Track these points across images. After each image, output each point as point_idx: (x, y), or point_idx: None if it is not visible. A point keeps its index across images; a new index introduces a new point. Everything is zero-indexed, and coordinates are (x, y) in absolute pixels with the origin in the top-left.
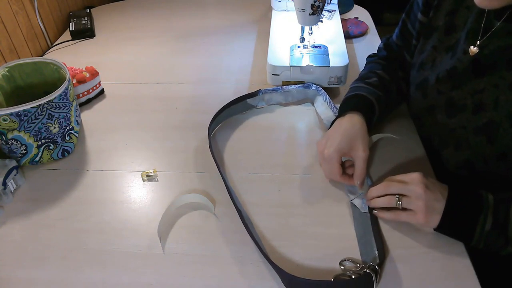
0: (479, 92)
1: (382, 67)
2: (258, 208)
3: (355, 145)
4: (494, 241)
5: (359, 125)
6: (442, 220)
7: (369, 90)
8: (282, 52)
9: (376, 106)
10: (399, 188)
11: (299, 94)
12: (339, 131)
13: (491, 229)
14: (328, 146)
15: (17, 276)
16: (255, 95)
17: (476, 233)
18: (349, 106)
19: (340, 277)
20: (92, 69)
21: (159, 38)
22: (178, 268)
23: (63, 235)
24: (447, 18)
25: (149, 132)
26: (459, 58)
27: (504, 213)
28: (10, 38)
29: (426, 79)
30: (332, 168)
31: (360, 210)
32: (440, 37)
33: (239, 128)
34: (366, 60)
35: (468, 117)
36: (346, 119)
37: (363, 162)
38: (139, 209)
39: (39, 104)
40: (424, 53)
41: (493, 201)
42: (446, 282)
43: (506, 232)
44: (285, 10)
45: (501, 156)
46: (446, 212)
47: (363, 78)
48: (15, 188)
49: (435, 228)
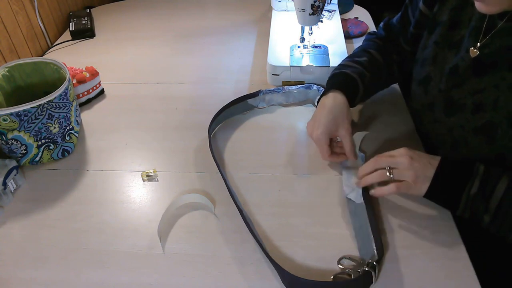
0: (479, 92)
1: (377, 47)
2: (258, 208)
3: (340, 124)
4: (477, 208)
5: (342, 104)
6: (431, 186)
7: (355, 69)
8: (282, 52)
9: (360, 86)
10: (388, 162)
11: (300, 95)
12: (324, 112)
13: (476, 193)
14: (316, 128)
15: (17, 276)
16: (256, 95)
17: (462, 198)
18: (333, 84)
19: (339, 277)
20: (92, 69)
21: (159, 38)
22: (178, 268)
23: (63, 235)
24: (452, 13)
25: (149, 132)
26: (462, 56)
27: (491, 184)
28: (10, 38)
29: (428, 76)
30: (322, 149)
31: (355, 202)
32: (443, 32)
33: (240, 128)
34: (365, 37)
35: (467, 117)
36: (329, 98)
37: (349, 138)
38: (139, 209)
39: (39, 104)
40: (428, 48)
41: (483, 170)
42: (446, 282)
43: (489, 200)
44: (285, 10)
45: (499, 157)
46: (435, 179)
47: (354, 55)
48: (15, 188)
49: (424, 194)
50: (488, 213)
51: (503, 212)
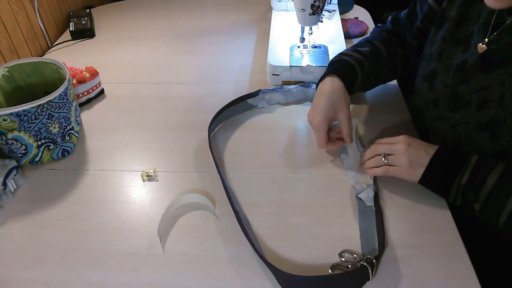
0: (485, 89)
1: (382, 40)
2: (258, 208)
3: (339, 109)
4: (468, 197)
5: (340, 89)
6: (425, 172)
7: (355, 58)
8: (282, 52)
9: (359, 74)
10: (385, 148)
11: (300, 94)
12: (322, 98)
13: (466, 183)
14: (315, 115)
15: (17, 276)
16: (256, 95)
17: (453, 187)
18: (331, 70)
19: (337, 267)
20: (92, 69)
21: (159, 38)
22: (178, 268)
23: (63, 235)
24: (460, 9)
25: (149, 132)
26: (471, 52)
27: (482, 174)
28: (10, 38)
29: (434, 71)
30: (319, 137)
31: (366, 203)
32: (450, 28)
33: (240, 128)
34: (372, 29)
35: (471, 113)
36: (327, 83)
37: (348, 122)
38: (139, 209)
39: (39, 104)
40: (435, 44)
41: (475, 161)
42: (446, 282)
43: (479, 190)
44: (285, 10)
45: (503, 154)
46: (430, 166)
47: (356, 45)
48: (15, 188)
49: (419, 181)
50: (478, 202)
51: (492, 202)
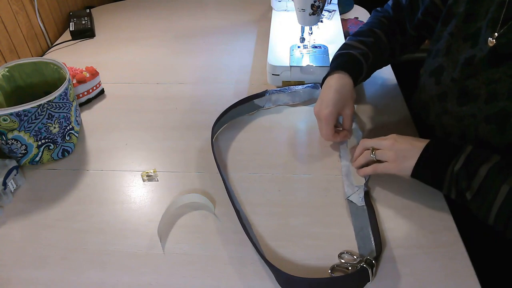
0: (494, 82)
1: (383, 27)
2: (258, 208)
3: (346, 104)
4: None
5: (348, 85)
6: (416, 165)
7: (361, 51)
8: (282, 52)
9: (364, 68)
10: (373, 143)
11: (306, 95)
12: (331, 92)
13: (459, 169)
14: (324, 108)
15: (17, 276)
16: (262, 95)
17: (447, 175)
18: (339, 65)
19: (337, 268)
20: (92, 69)
21: (159, 38)
22: (178, 268)
23: (63, 235)
24: (468, 5)
25: (149, 132)
26: (480, 47)
27: (477, 162)
28: (10, 38)
29: (441, 66)
30: (328, 129)
31: (357, 204)
32: (458, 24)
33: (243, 129)
34: (372, 13)
35: (480, 106)
36: (335, 79)
37: (351, 117)
38: (139, 209)
39: (39, 104)
40: (442, 40)
41: (470, 150)
42: (446, 282)
43: (472, 178)
44: (285, 10)
45: (509, 146)
46: (421, 158)
47: (360, 34)
48: (15, 188)
49: (411, 174)
50: (471, 191)
51: (484, 191)
